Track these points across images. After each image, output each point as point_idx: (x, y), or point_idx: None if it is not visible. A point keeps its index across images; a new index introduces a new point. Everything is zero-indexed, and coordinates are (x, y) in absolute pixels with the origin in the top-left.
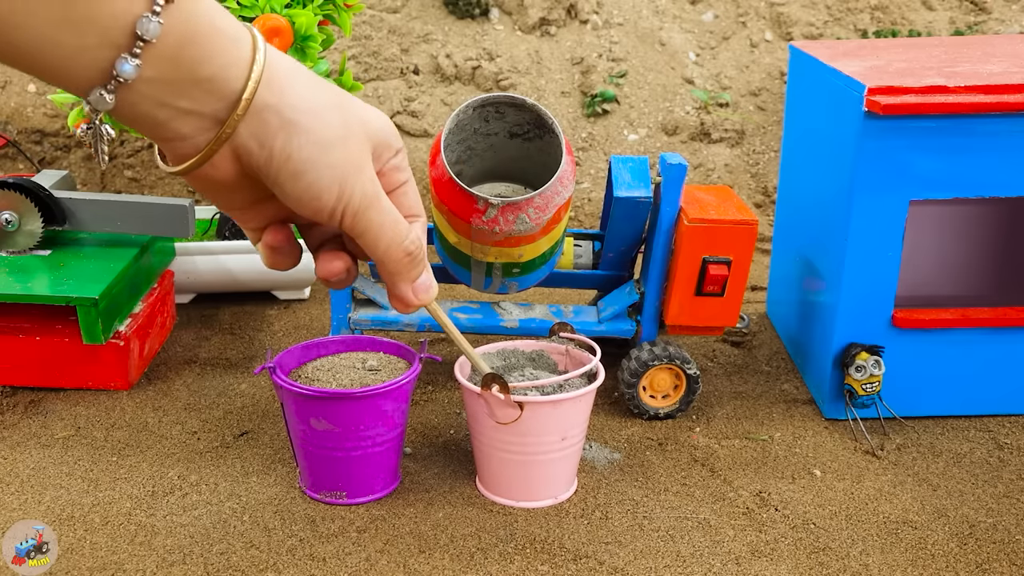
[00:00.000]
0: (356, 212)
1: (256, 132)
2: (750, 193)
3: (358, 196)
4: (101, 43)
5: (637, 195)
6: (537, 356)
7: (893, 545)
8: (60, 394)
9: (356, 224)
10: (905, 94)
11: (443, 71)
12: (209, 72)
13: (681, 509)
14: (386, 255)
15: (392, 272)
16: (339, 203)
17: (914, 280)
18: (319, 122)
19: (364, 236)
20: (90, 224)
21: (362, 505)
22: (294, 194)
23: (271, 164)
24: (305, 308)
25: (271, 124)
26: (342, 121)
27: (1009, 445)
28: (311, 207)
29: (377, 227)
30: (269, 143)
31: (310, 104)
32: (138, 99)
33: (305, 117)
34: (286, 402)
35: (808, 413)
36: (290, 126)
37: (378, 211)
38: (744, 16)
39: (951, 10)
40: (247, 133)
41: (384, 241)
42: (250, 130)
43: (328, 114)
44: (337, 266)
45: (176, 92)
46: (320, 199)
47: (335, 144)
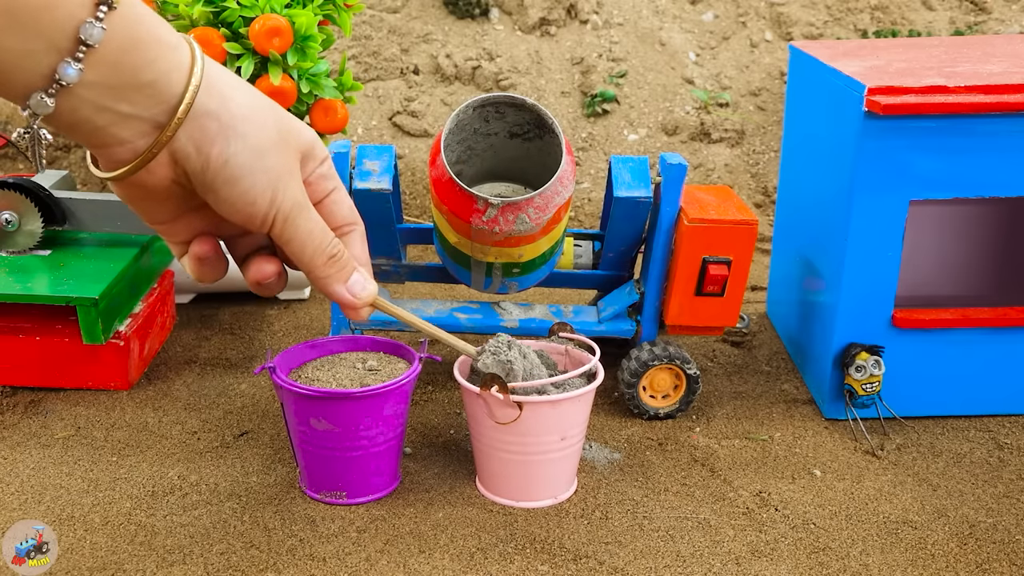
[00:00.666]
0: (286, 218)
1: (195, 137)
2: (750, 193)
3: (289, 202)
4: (45, 48)
5: (637, 195)
6: (537, 356)
7: (893, 545)
8: (60, 394)
9: (285, 231)
10: (905, 94)
11: (443, 71)
12: (150, 77)
13: (681, 509)
14: (312, 262)
15: (321, 277)
16: (271, 208)
17: (914, 280)
18: (256, 128)
19: (291, 243)
20: (90, 224)
21: (362, 505)
22: (229, 199)
23: (207, 169)
24: (305, 308)
25: (210, 129)
26: (276, 129)
27: (1009, 445)
28: (244, 212)
29: (304, 234)
30: (207, 148)
31: (247, 111)
32: (78, 104)
33: (243, 123)
34: (286, 402)
35: (808, 413)
36: (228, 131)
37: (306, 218)
38: (744, 16)
39: (951, 10)
40: (186, 137)
41: (310, 248)
42: (189, 134)
43: (265, 122)
44: (269, 269)
45: (117, 96)
46: (254, 204)
47: (270, 150)
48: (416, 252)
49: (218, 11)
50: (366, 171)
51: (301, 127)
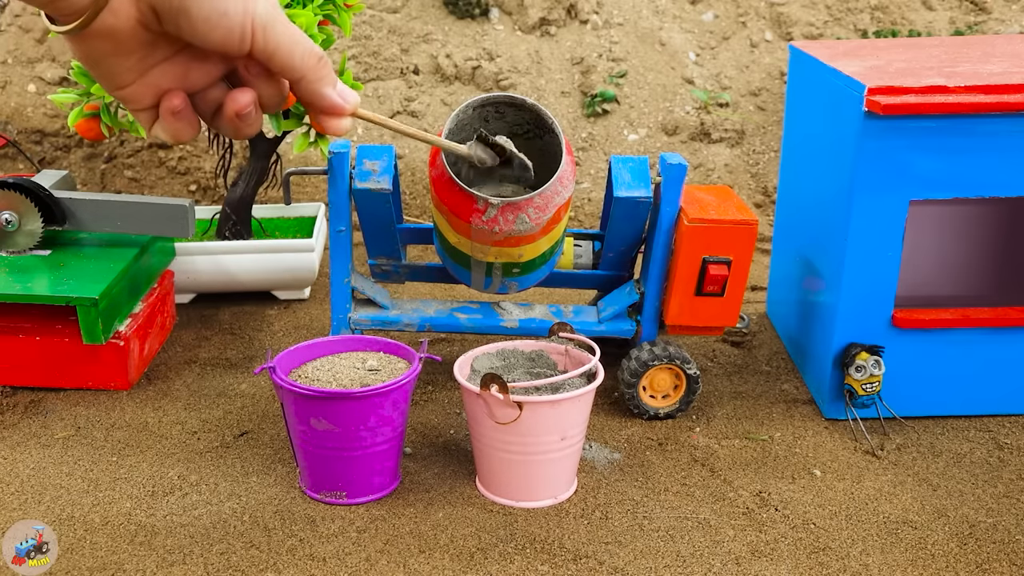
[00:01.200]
0: (265, 26)
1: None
2: (750, 193)
3: (261, 8)
4: None
5: (637, 195)
6: (537, 356)
7: (893, 545)
8: (60, 394)
9: (268, 40)
10: (905, 94)
11: (443, 71)
12: None
13: (681, 509)
14: (304, 63)
15: (313, 80)
16: (245, 16)
17: (914, 280)
18: None
19: (278, 51)
20: (90, 224)
21: (362, 505)
22: (200, 15)
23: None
24: (305, 308)
25: None
26: None
27: (1009, 445)
28: (220, 27)
29: (288, 39)
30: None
31: None
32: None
33: None
34: (286, 402)
35: (808, 413)
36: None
37: (284, 24)
38: (744, 16)
39: (951, 10)
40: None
41: (299, 51)
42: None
43: None
44: (245, 98)
45: None
46: (227, 14)
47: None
48: (416, 252)
49: None
50: (366, 171)
51: None
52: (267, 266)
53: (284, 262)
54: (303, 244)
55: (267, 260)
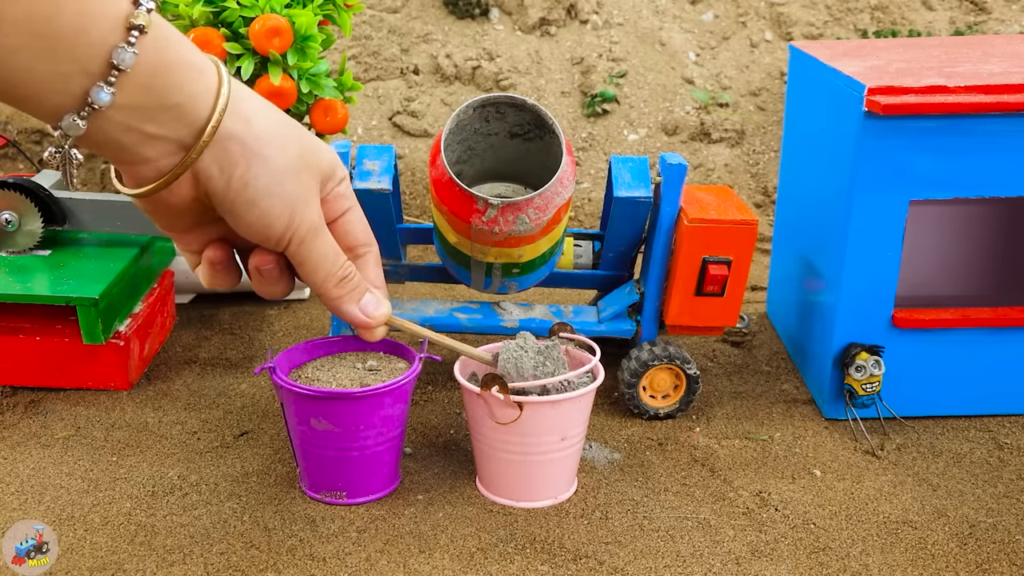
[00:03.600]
0: (302, 241)
1: (219, 159)
2: (750, 193)
3: (306, 226)
4: (77, 72)
5: (637, 195)
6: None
7: (893, 545)
8: (60, 394)
9: (299, 252)
10: (905, 94)
11: (443, 71)
12: (178, 100)
13: (681, 509)
14: (324, 283)
15: (334, 298)
16: (287, 231)
17: (914, 280)
18: (278, 153)
19: (304, 265)
20: (90, 224)
21: (362, 505)
22: (246, 220)
23: (228, 191)
24: (305, 308)
25: (233, 152)
26: (298, 153)
27: (1009, 445)
28: (261, 234)
29: (318, 256)
30: (229, 170)
31: (271, 135)
32: (108, 125)
33: (266, 147)
34: (286, 402)
35: (808, 413)
36: (251, 155)
37: (321, 242)
38: (744, 16)
39: (951, 10)
40: (210, 159)
41: (322, 271)
42: (213, 156)
43: (287, 146)
44: (268, 257)
45: (145, 118)
46: (271, 227)
47: (290, 174)
48: (416, 252)
49: (218, 11)
50: (366, 171)
51: (323, 149)
52: None
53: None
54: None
55: None
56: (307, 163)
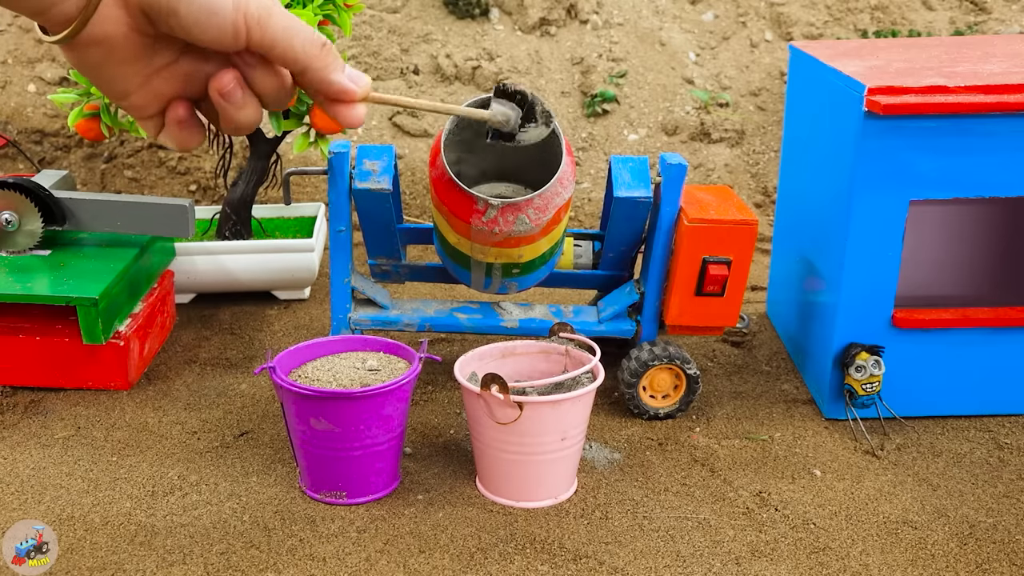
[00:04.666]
0: (259, 20)
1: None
2: (750, 193)
3: (254, 2)
4: None
5: (637, 195)
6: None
7: (893, 545)
8: (60, 394)
9: (264, 34)
10: (905, 94)
11: (443, 71)
12: None
13: (681, 509)
14: (307, 52)
15: (320, 68)
16: (237, 14)
17: (914, 280)
18: None
19: (276, 44)
20: (90, 224)
21: (362, 505)
22: (190, 16)
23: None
24: (305, 308)
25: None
26: None
27: (1009, 445)
28: (211, 26)
29: (286, 30)
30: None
31: None
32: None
33: None
34: (286, 402)
35: (808, 413)
36: None
37: (280, 15)
38: (744, 16)
39: (951, 10)
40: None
41: (299, 40)
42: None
43: None
44: (227, 76)
45: None
46: (217, 14)
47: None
48: (416, 252)
49: None
50: (366, 171)
51: None
52: (267, 266)
53: (284, 262)
54: (303, 244)
55: (267, 260)
56: None
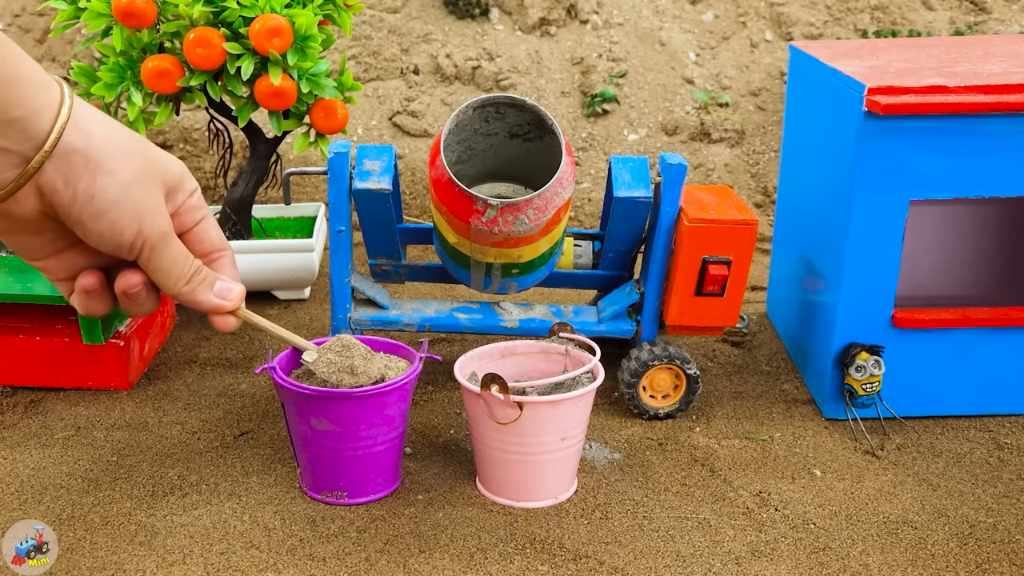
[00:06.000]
0: (153, 248)
1: (63, 172)
2: (750, 193)
3: (156, 233)
4: None
5: (637, 195)
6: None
7: (893, 545)
8: (60, 394)
9: (151, 260)
10: (905, 94)
11: (443, 71)
12: (20, 113)
13: (681, 509)
14: (177, 284)
15: (187, 293)
16: (138, 239)
17: (914, 280)
18: (123, 165)
19: (156, 272)
20: None
21: (362, 505)
22: (96, 231)
23: (75, 204)
24: (305, 308)
25: (77, 165)
26: (144, 166)
27: (1009, 445)
28: (113, 242)
29: (168, 262)
30: (74, 183)
31: (114, 149)
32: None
33: (109, 160)
34: (287, 402)
35: (808, 413)
36: (95, 168)
37: (171, 248)
38: (744, 16)
39: (951, 10)
40: (54, 172)
41: (175, 274)
42: (57, 169)
43: (132, 159)
44: (134, 279)
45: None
46: (122, 236)
47: (136, 186)
48: (416, 252)
49: (218, 11)
50: (366, 171)
51: (168, 160)
52: (267, 266)
53: (284, 262)
54: (303, 244)
55: (267, 260)
56: (152, 174)
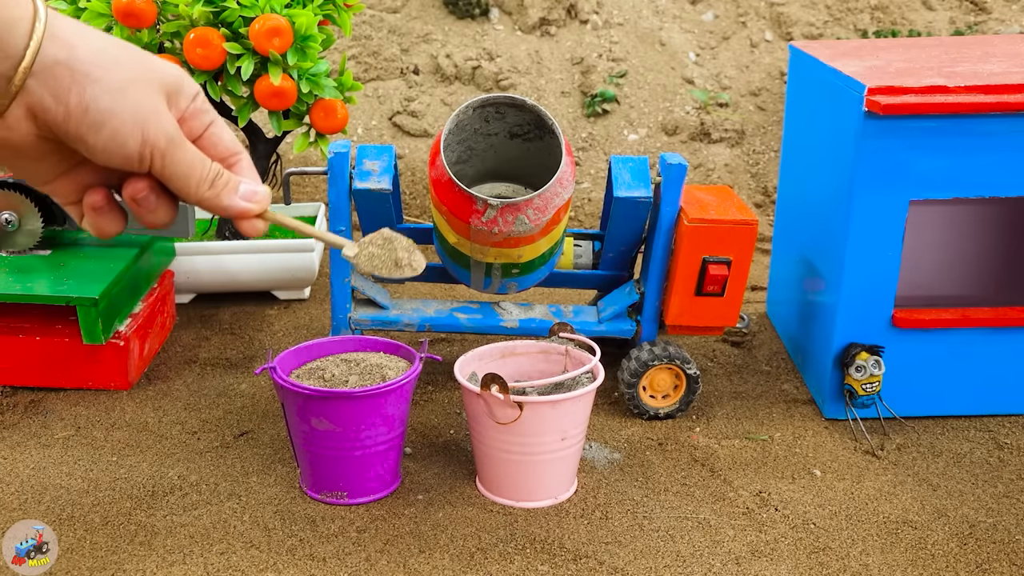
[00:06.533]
0: (163, 154)
1: (50, 88)
2: (750, 193)
3: (163, 137)
4: None
5: (637, 195)
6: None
7: (893, 545)
8: (60, 394)
9: (165, 167)
10: (905, 94)
11: (443, 71)
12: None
13: (681, 509)
14: (198, 190)
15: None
16: (145, 147)
17: (914, 280)
18: (111, 72)
19: (173, 179)
20: None
21: (362, 505)
22: (98, 145)
23: (70, 120)
24: (305, 308)
25: (63, 79)
26: (134, 69)
27: (1009, 445)
28: (119, 155)
29: (186, 168)
30: (64, 98)
31: (99, 56)
32: None
33: (96, 69)
34: (287, 402)
35: (808, 413)
36: (83, 78)
37: (183, 151)
38: (744, 16)
39: (951, 10)
40: (40, 89)
41: (194, 179)
42: (42, 85)
43: (120, 64)
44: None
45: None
46: (126, 146)
47: (130, 91)
48: None
49: (218, 11)
50: (366, 171)
51: (163, 64)
52: (267, 266)
53: (284, 262)
54: (303, 244)
55: (267, 260)
56: (147, 77)
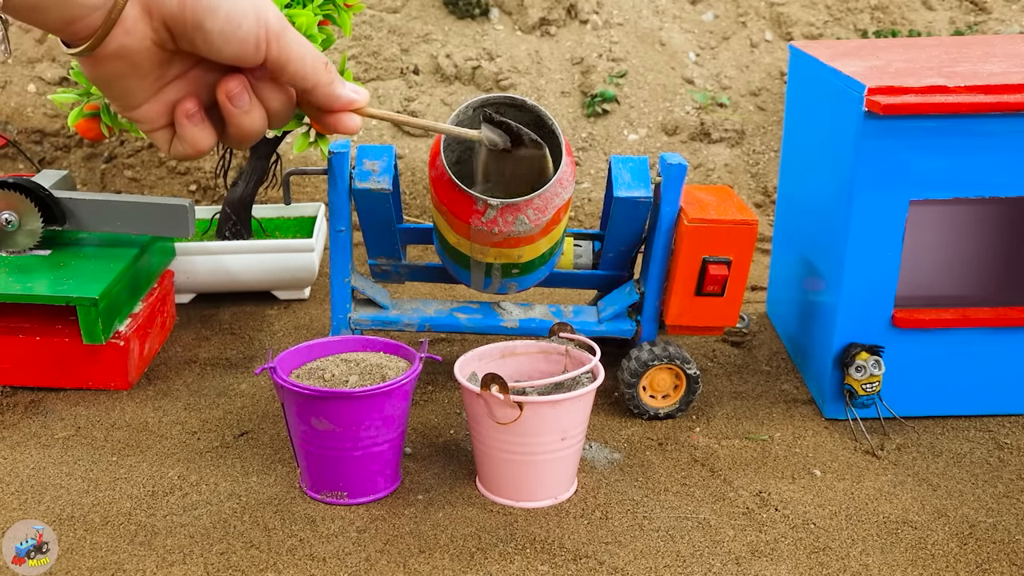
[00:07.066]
0: (278, 36)
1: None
2: (750, 193)
3: (273, 18)
4: None
5: (637, 195)
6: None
7: (893, 545)
8: (60, 394)
9: (281, 50)
10: (905, 94)
11: (443, 71)
12: None
13: (681, 509)
14: (316, 71)
15: (327, 83)
16: (259, 28)
17: (914, 280)
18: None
19: (290, 61)
20: (90, 224)
21: (362, 505)
22: (215, 29)
23: (185, 7)
24: (305, 308)
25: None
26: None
27: (1009, 445)
28: (235, 39)
29: (299, 49)
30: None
31: None
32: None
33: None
34: (287, 402)
35: (808, 413)
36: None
37: (294, 33)
38: (744, 16)
39: (951, 10)
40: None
41: (310, 60)
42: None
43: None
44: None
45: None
46: (242, 27)
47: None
48: (416, 252)
49: None
50: (366, 171)
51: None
52: (267, 266)
53: (284, 262)
54: (303, 244)
55: (267, 260)
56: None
